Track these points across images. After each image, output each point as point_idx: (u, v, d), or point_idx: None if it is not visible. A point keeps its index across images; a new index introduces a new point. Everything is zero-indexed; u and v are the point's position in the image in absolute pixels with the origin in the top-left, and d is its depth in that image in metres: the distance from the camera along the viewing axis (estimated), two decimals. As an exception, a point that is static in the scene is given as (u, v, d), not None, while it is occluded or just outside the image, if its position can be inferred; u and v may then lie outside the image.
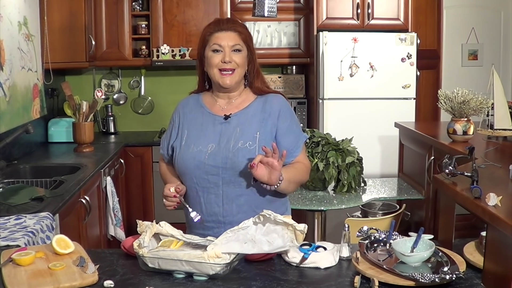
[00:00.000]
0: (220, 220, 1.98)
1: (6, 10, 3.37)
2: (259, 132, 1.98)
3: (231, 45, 1.97)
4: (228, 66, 1.97)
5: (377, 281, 1.51)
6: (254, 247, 1.63)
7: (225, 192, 1.97)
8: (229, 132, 1.99)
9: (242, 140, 1.96)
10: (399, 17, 4.50)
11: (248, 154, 1.94)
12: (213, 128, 2.01)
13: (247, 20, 4.67)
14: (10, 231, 2.06)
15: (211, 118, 2.03)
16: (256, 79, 2.07)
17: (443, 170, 1.96)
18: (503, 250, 1.55)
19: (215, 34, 1.98)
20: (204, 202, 1.99)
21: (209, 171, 1.96)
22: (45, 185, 3.03)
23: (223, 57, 1.96)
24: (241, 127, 1.99)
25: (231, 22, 2.02)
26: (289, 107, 2.08)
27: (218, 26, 1.99)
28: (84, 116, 3.92)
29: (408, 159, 3.83)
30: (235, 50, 1.98)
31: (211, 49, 1.98)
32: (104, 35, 4.58)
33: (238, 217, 1.95)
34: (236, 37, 1.98)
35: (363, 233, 1.82)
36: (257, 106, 2.04)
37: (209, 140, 1.98)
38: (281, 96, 2.08)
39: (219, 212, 1.98)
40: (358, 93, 4.31)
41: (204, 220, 1.98)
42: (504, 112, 3.10)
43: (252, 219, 1.68)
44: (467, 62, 5.33)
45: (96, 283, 1.56)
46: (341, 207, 3.07)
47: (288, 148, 1.98)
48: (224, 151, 1.95)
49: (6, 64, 3.33)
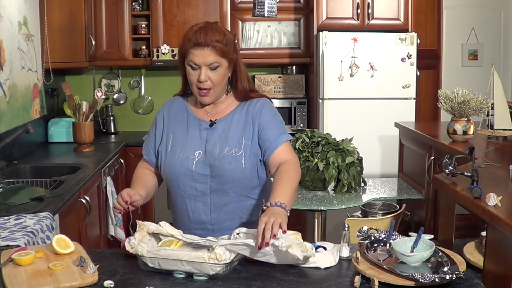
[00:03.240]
0: (208, 228, 1.97)
1: (6, 10, 3.37)
2: (244, 138, 1.96)
3: (207, 64, 1.89)
4: (203, 86, 1.91)
5: (377, 281, 1.51)
6: (262, 257, 1.64)
7: (212, 200, 1.96)
8: (214, 138, 1.96)
9: (228, 147, 1.94)
10: (399, 17, 4.50)
11: (234, 161, 1.92)
12: (199, 134, 1.98)
13: (247, 20, 4.67)
14: (10, 231, 2.06)
15: (197, 123, 2.00)
16: (242, 82, 2.01)
17: (443, 170, 1.96)
18: (503, 250, 1.55)
19: (191, 51, 1.89)
20: (192, 210, 1.98)
21: (197, 179, 1.94)
22: (45, 185, 3.03)
23: (199, 75, 1.90)
24: (226, 133, 1.96)
25: (209, 34, 1.89)
26: (272, 106, 2.04)
27: (195, 40, 1.88)
28: (84, 116, 3.92)
29: (408, 159, 3.83)
30: (212, 68, 1.91)
31: (188, 64, 1.92)
32: (104, 35, 4.58)
33: (226, 224, 1.96)
34: (212, 54, 1.88)
35: (363, 233, 1.82)
36: (241, 111, 2.00)
37: (196, 146, 1.95)
38: (265, 99, 2.04)
39: (207, 220, 1.97)
40: (358, 93, 4.31)
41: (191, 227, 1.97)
42: (504, 112, 3.10)
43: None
44: (467, 62, 5.33)
45: (96, 283, 1.56)
46: (341, 207, 3.07)
47: (271, 138, 1.95)
48: (210, 158, 1.93)
49: (6, 64, 3.33)
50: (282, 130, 2.00)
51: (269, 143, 1.95)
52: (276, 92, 4.83)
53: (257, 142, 1.97)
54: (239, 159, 1.92)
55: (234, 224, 1.95)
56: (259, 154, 1.97)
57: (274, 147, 1.94)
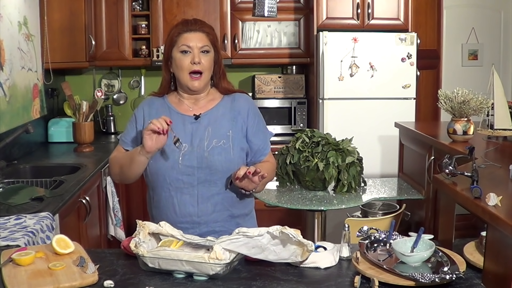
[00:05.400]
0: (195, 220, 1.98)
1: (6, 10, 3.37)
2: (231, 131, 2.01)
3: (200, 46, 1.98)
4: (197, 67, 1.97)
5: (377, 281, 1.51)
6: (260, 253, 1.64)
7: (200, 191, 1.98)
8: (200, 131, 2.00)
9: (216, 139, 1.98)
10: (399, 17, 4.50)
11: (224, 152, 1.97)
12: (183, 128, 2.01)
13: (247, 20, 4.67)
14: (10, 231, 2.06)
15: (180, 118, 2.03)
16: (222, 80, 2.09)
17: (443, 170, 1.96)
18: (503, 250, 1.55)
19: (184, 35, 1.98)
20: (178, 203, 1.99)
21: (184, 171, 1.96)
22: (45, 185, 3.03)
23: (192, 58, 1.97)
24: (212, 126, 2.01)
25: (199, 23, 2.02)
26: (255, 105, 2.13)
27: (186, 26, 2.00)
28: (84, 116, 3.93)
29: (408, 159, 3.83)
30: (204, 51, 1.99)
31: (180, 50, 1.98)
32: (104, 35, 4.58)
33: (213, 216, 1.99)
34: (204, 38, 1.99)
35: (363, 233, 1.82)
36: (226, 105, 2.06)
37: (181, 140, 1.96)
38: (247, 95, 2.13)
39: (194, 213, 1.98)
40: (358, 93, 4.31)
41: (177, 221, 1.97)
42: (504, 112, 3.10)
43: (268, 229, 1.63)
44: (467, 62, 5.33)
45: (96, 283, 1.56)
46: (341, 207, 3.07)
47: (259, 147, 2.07)
48: (198, 151, 1.97)
49: (6, 64, 3.33)
50: (267, 135, 2.13)
51: (257, 152, 2.07)
52: (276, 92, 4.83)
53: (245, 139, 2.04)
54: (228, 150, 1.98)
55: (221, 216, 2.00)
56: (245, 149, 2.05)
57: (260, 156, 2.08)
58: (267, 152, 2.10)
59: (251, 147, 2.06)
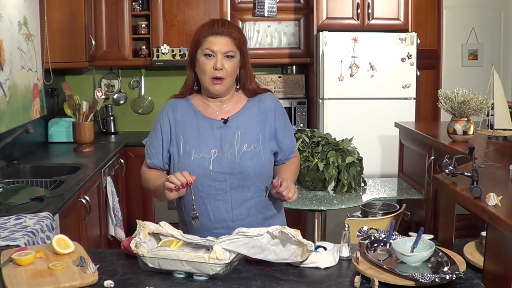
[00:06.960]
0: (230, 225, 1.94)
1: (6, 10, 3.37)
2: (261, 134, 1.98)
3: (224, 52, 1.91)
4: (218, 74, 1.91)
5: (377, 281, 1.51)
6: (260, 253, 1.64)
7: (233, 197, 1.95)
8: (229, 136, 1.95)
9: (246, 143, 1.95)
10: (399, 17, 4.50)
11: (256, 157, 1.94)
12: (212, 133, 1.96)
13: (247, 20, 4.67)
14: (10, 231, 2.06)
15: (208, 122, 1.98)
16: (249, 82, 2.03)
17: (443, 170, 1.96)
18: (503, 250, 1.55)
19: (209, 38, 1.91)
20: (212, 209, 1.95)
21: (216, 177, 1.92)
22: (45, 185, 3.03)
23: (215, 63, 1.90)
24: (242, 130, 1.96)
25: (226, 25, 1.94)
26: (280, 104, 2.10)
27: (212, 28, 1.92)
28: (84, 116, 3.92)
29: (408, 159, 3.83)
30: (228, 56, 1.92)
31: (203, 53, 1.92)
32: (104, 35, 4.58)
33: (248, 220, 1.95)
34: (230, 43, 1.92)
35: (363, 233, 1.82)
36: (252, 107, 2.01)
37: (210, 145, 1.94)
38: (272, 95, 2.08)
39: (229, 218, 1.95)
40: (358, 93, 4.31)
41: (209, 226, 1.95)
42: (504, 112, 3.10)
43: (267, 229, 1.63)
44: (467, 62, 5.33)
45: (96, 283, 1.56)
46: (341, 207, 3.07)
47: (289, 146, 2.06)
48: (230, 156, 1.92)
49: (6, 64, 3.33)
50: (292, 132, 2.11)
51: (286, 151, 2.06)
52: (276, 92, 4.83)
53: (273, 141, 2.02)
54: (259, 154, 1.95)
55: (256, 219, 1.97)
56: (274, 150, 2.03)
57: (290, 154, 2.08)
58: (295, 150, 2.10)
59: (281, 147, 2.03)
